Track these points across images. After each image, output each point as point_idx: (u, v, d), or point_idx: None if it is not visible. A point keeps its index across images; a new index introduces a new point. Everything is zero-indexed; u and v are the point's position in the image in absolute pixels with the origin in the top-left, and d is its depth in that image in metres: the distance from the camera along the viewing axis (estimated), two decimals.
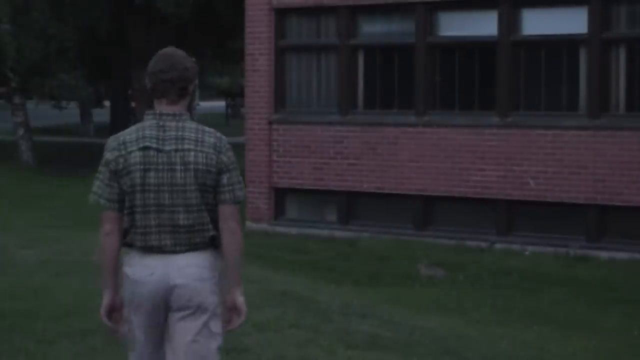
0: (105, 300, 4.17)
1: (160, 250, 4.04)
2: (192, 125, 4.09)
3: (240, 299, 4.12)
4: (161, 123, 4.07)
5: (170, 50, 4.16)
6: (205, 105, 56.38)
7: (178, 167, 4.01)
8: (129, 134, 4.10)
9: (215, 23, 28.87)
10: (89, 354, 6.31)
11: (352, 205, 14.30)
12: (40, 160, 23.37)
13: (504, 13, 13.11)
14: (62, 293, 8.06)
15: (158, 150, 4.02)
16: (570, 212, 12.83)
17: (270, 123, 14.67)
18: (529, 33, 13.18)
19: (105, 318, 4.20)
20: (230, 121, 42.61)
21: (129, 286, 4.09)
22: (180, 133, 4.05)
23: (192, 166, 4.01)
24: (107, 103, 42.83)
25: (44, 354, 6.27)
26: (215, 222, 4.09)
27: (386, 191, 13.95)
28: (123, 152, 4.04)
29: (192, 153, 4.02)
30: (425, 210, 13.77)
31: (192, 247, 4.06)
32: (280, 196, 14.80)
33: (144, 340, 4.13)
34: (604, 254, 12.43)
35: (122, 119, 32.32)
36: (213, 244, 4.12)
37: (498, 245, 13.06)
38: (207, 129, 4.12)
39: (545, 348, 8.17)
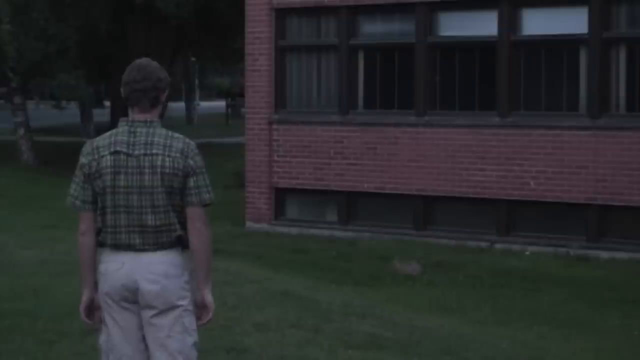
0: (84, 297, 4.43)
1: (129, 247, 4.26)
2: (162, 131, 4.30)
3: (208, 297, 4.32)
4: (132, 129, 4.28)
5: (144, 61, 4.37)
6: (205, 105, 56.39)
7: (146, 171, 4.23)
8: (103, 139, 4.35)
9: (215, 23, 28.87)
10: (89, 354, 6.30)
11: (352, 205, 14.30)
12: (40, 160, 23.36)
13: (504, 13, 13.10)
14: (62, 293, 8.05)
15: (128, 154, 4.24)
16: (570, 212, 12.83)
17: (270, 123, 14.67)
18: (529, 33, 13.17)
19: (84, 315, 4.44)
20: (231, 121, 42.60)
21: (103, 282, 4.33)
22: (150, 139, 4.26)
23: (159, 169, 4.22)
24: (107, 103, 42.86)
25: (44, 354, 6.27)
26: (182, 223, 4.30)
27: (386, 191, 13.95)
28: (96, 156, 4.28)
29: (160, 157, 4.23)
30: (426, 210, 13.77)
31: (160, 246, 4.26)
32: (281, 196, 14.80)
33: (121, 338, 4.31)
34: (604, 254, 12.43)
35: None
36: (180, 243, 4.32)
37: (498, 245, 13.06)
38: (176, 135, 4.32)
39: (545, 348, 8.17)
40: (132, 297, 4.27)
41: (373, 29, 14.37)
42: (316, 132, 14.39)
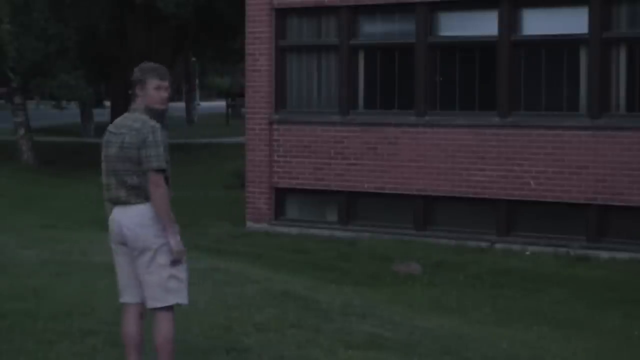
0: None
1: (117, 201, 5.59)
2: (134, 115, 5.60)
3: (172, 241, 5.46)
4: (126, 115, 5.68)
5: (146, 63, 5.75)
6: (206, 105, 56.39)
7: (117, 144, 5.56)
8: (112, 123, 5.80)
9: (215, 23, 28.88)
10: (89, 354, 6.32)
11: (352, 205, 14.30)
12: (40, 160, 23.37)
13: (504, 13, 13.11)
14: (62, 293, 8.07)
15: (113, 133, 5.65)
16: (571, 212, 12.83)
17: (270, 123, 14.67)
18: (529, 33, 13.17)
19: None
20: (231, 121, 42.58)
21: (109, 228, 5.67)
22: (126, 122, 5.60)
23: (121, 144, 5.55)
24: (107, 103, 42.86)
25: (44, 354, 6.27)
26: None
27: (387, 191, 13.95)
28: (104, 134, 5.73)
29: (123, 135, 5.56)
30: (426, 210, 13.77)
31: (136, 201, 5.52)
32: (281, 196, 14.80)
33: (122, 273, 5.66)
34: (604, 254, 12.43)
35: None
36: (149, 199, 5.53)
37: (498, 245, 13.06)
38: (142, 117, 5.56)
39: (545, 348, 8.17)
40: (122, 240, 5.55)
41: (373, 29, 14.37)
42: (316, 132, 14.40)
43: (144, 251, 5.46)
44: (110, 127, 5.70)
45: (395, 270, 11.82)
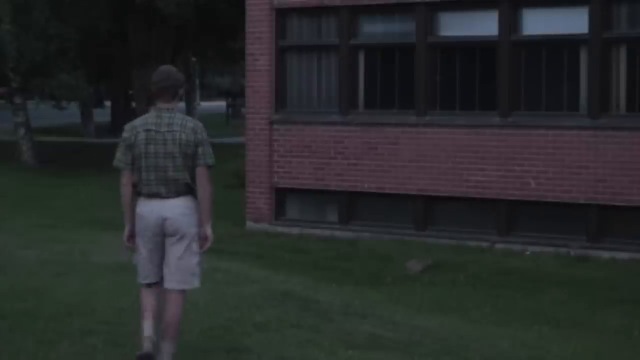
0: (126, 229, 6.15)
1: (157, 195, 6.01)
2: (179, 115, 6.11)
3: (209, 231, 6.08)
4: (159, 114, 6.08)
5: (167, 67, 6.22)
6: (206, 105, 56.35)
7: (169, 142, 6.00)
8: (139, 121, 6.14)
9: (215, 23, 28.86)
10: (89, 354, 6.31)
11: (352, 205, 14.30)
12: (40, 160, 23.37)
13: (504, 13, 13.11)
14: (62, 293, 8.07)
15: (156, 131, 6.03)
16: (571, 212, 12.83)
17: (270, 123, 14.67)
18: (529, 33, 13.17)
19: (126, 241, 6.17)
20: (231, 121, 42.56)
21: (139, 220, 6.07)
22: (170, 120, 6.05)
23: (177, 141, 6.00)
24: (107, 103, 42.87)
25: (44, 354, 6.27)
26: (193, 178, 6.04)
27: (387, 191, 13.95)
28: (134, 132, 6.07)
29: (178, 133, 6.01)
30: (426, 210, 13.76)
31: (178, 194, 6.02)
32: (281, 196, 14.79)
33: (148, 258, 6.06)
34: (604, 254, 12.43)
35: (123, 118, 32.24)
36: (192, 192, 6.05)
37: (499, 245, 13.06)
38: (188, 118, 6.15)
39: (546, 348, 8.17)
40: (159, 231, 5.99)
41: (373, 29, 14.36)
42: (317, 132, 14.39)
43: (184, 238, 5.98)
44: (148, 126, 6.03)
45: (409, 268, 11.87)
